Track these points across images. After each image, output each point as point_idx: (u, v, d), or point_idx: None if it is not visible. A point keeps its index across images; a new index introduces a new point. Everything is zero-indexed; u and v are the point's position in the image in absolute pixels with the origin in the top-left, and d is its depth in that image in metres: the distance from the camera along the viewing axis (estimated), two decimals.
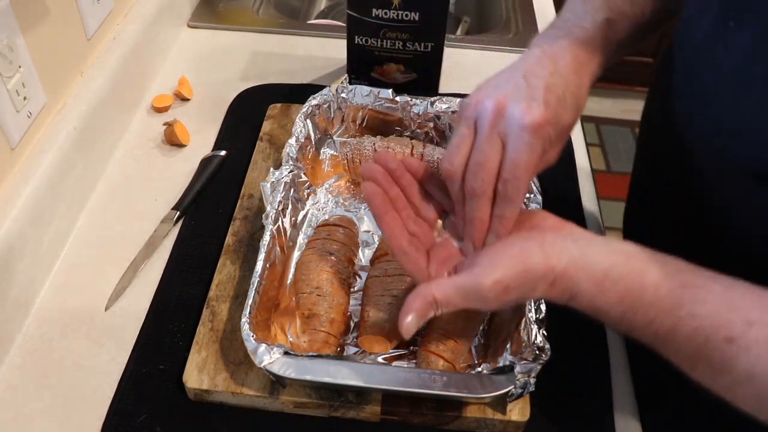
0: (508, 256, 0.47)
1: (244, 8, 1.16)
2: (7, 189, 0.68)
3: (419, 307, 0.49)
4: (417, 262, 0.52)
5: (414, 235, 0.54)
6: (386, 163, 0.55)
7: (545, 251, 0.46)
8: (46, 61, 0.73)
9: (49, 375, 0.64)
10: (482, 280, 0.46)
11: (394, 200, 0.54)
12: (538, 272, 0.46)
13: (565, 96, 0.51)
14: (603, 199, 2.54)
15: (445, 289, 0.48)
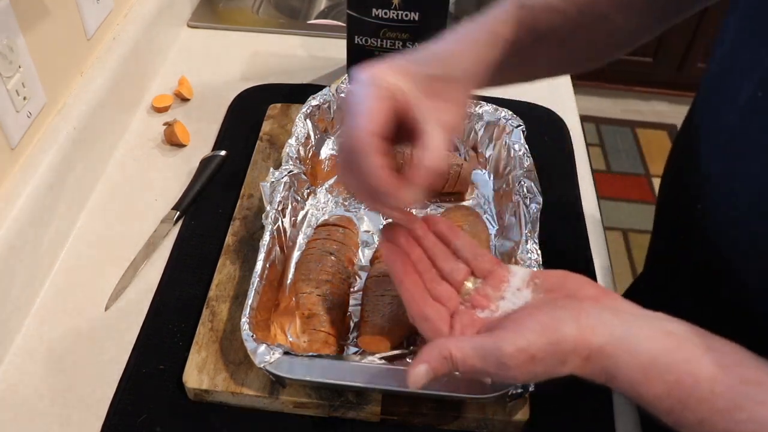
0: (537, 323, 0.42)
1: (244, 8, 1.16)
2: (7, 189, 0.68)
3: (433, 361, 0.44)
4: (438, 330, 0.47)
5: (437, 299, 0.49)
6: (407, 223, 0.51)
7: (580, 323, 0.42)
8: (46, 61, 0.73)
9: (49, 375, 0.64)
10: (504, 344, 0.42)
11: (416, 262, 0.50)
12: (570, 345, 0.41)
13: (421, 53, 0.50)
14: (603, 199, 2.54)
15: (464, 348, 0.44)
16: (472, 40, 0.52)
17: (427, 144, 0.46)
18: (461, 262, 0.51)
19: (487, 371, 0.43)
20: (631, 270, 2.05)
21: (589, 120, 2.53)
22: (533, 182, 0.72)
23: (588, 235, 0.78)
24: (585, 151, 0.91)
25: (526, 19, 0.54)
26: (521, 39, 0.55)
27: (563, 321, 0.42)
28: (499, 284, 0.49)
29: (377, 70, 0.47)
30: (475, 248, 0.51)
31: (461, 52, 0.51)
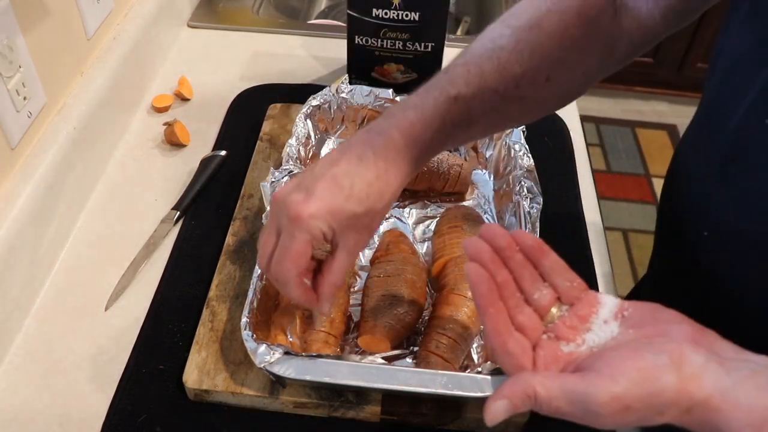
0: (634, 369, 0.39)
1: (244, 8, 1.16)
2: (7, 189, 0.68)
3: (516, 396, 0.41)
4: (521, 366, 0.44)
5: (520, 328, 0.46)
6: (494, 240, 0.46)
7: (682, 372, 0.38)
8: (46, 61, 0.73)
9: (49, 375, 0.64)
10: (598, 391, 0.39)
11: (501, 287, 0.46)
12: (670, 397, 0.38)
13: (351, 186, 0.50)
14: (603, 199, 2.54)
15: (551, 388, 0.40)
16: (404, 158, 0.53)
17: (333, 268, 0.52)
18: (548, 287, 0.47)
19: (573, 415, 0.40)
20: (632, 270, 2.05)
21: (589, 120, 2.53)
22: (533, 182, 0.72)
23: (588, 235, 0.78)
24: (585, 151, 0.91)
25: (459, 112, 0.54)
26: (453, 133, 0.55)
27: (663, 369, 0.39)
28: (586, 314, 0.46)
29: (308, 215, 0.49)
30: (564, 271, 0.47)
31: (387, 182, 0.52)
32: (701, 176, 0.56)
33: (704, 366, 0.38)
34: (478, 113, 0.55)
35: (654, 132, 2.52)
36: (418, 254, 0.71)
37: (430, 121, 0.53)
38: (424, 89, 0.55)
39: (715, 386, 0.38)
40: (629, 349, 0.41)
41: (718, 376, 0.38)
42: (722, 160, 0.53)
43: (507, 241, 0.46)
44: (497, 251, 0.46)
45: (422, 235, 0.76)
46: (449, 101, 0.53)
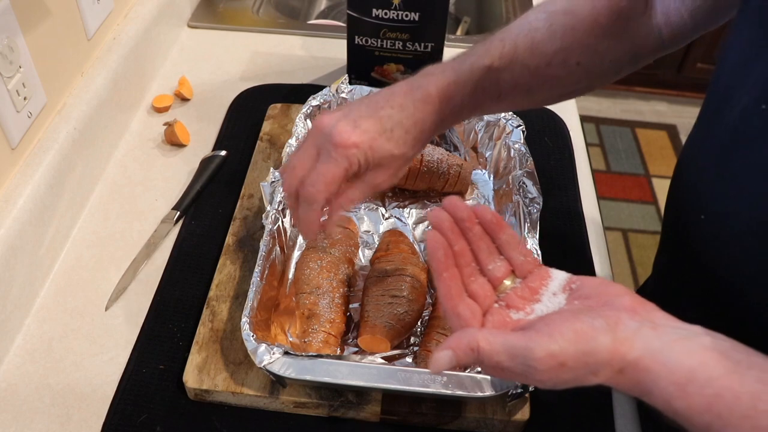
0: (571, 330, 0.41)
1: (244, 8, 1.16)
2: (8, 189, 0.68)
3: (460, 348, 0.43)
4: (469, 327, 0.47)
5: (473, 295, 0.49)
6: (455, 212, 0.50)
7: (617, 334, 0.41)
8: (46, 61, 0.73)
9: (49, 375, 0.64)
10: (536, 347, 0.41)
11: (457, 255, 0.50)
12: (603, 356, 0.40)
13: (392, 129, 0.54)
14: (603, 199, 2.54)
15: (494, 343, 0.43)
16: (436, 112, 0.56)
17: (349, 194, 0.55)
18: (503, 260, 0.50)
19: (512, 370, 0.42)
20: (631, 270, 2.05)
21: (589, 120, 2.53)
22: (533, 182, 0.72)
23: (588, 235, 0.78)
24: (585, 151, 0.91)
25: (490, 82, 0.58)
26: (483, 101, 0.59)
27: (599, 330, 0.41)
28: (537, 287, 0.48)
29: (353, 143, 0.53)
30: (519, 246, 0.50)
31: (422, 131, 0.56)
32: (703, 165, 0.56)
33: (637, 330, 0.41)
34: (508, 87, 0.59)
35: (654, 132, 2.52)
36: (418, 254, 0.71)
37: (463, 85, 0.57)
38: (461, 56, 0.59)
39: (646, 348, 0.40)
40: (570, 313, 0.44)
41: (649, 339, 0.40)
42: (723, 149, 0.53)
43: (467, 213, 0.50)
44: (457, 222, 0.50)
45: (422, 235, 0.76)
46: (483, 70, 0.57)
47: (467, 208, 0.50)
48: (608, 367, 0.40)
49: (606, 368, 0.41)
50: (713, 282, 0.56)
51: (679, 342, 0.40)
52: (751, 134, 0.50)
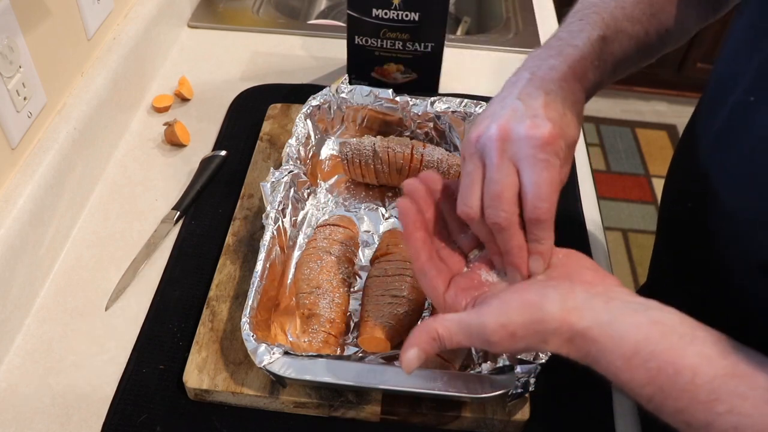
0: (520, 301, 0.43)
1: (244, 8, 1.16)
2: (8, 189, 0.68)
3: (423, 343, 0.45)
4: (434, 285, 0.48)
5: (443, 260, 0.50)
6: (430, 183, 0.51)
7: (566, 304, 0.42)
8: (46, 61, 0.73)
9: (49, 375, 0.64)
10: (487, 320, 0.43)
11: (429, 222, 0.50)
12: (551, 325, 0.42)
13: (565, 112, 0.49)
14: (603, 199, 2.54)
15: (449, 325, 0.45)
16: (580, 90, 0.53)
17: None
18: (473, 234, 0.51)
19: (474, 345, 0.45)
20: (631, 270, 2.05)
21: (589, 120, 2.53)
22: None
23: (588, 235, 0.78)
24: (585, 151, 0.91)
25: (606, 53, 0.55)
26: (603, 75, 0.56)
27: (548, 300, 0.42)
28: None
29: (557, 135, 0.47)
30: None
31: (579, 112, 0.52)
32: (698, 159, 0.56)
33: (587, 300, 0.42)
34: (619, 58, 0.57)
35: (654, 132, 2.52)
36: None
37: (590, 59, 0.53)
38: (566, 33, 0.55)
39: (595, 319, 0.41)
40: (521, 285, 0.45)
41: (599, 311, 0.41)
42: (715, 140, 0.53)
43: (442, 185, 0.51)
44: (432, 193, 0.51)
45: None
46: (599, 41, 0.54)
47: (442, 181, 0.51)
48: (557, 336, 0.42)
49: (555, 336, 0.42)
50: (708, 281, 0.56)
51: (627, 315, 0.41)
52: (739, 127, 0.50)
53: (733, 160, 0.51)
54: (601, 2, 0.58)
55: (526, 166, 0.46)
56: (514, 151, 0.47)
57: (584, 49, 0.53)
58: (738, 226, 0.50)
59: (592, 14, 0.56)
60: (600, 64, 0.54)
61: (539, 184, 0.45)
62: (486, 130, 0.48)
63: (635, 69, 0.63)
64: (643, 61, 0.62)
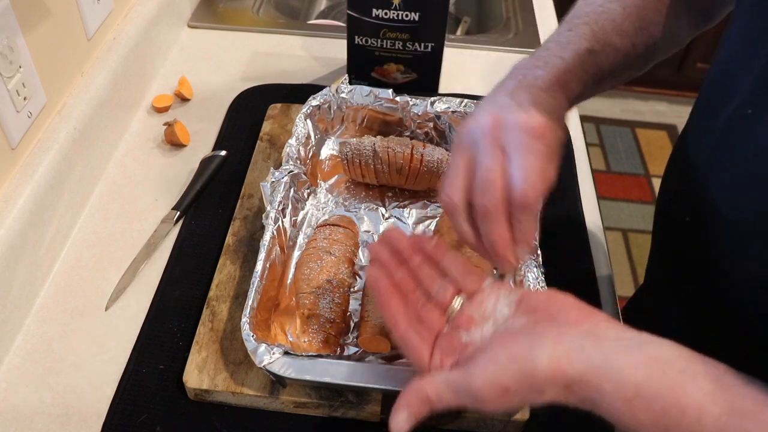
0: (508, 354, 0.41)
1: (244, 8, 1.16)
2: (8, 189, 0.68)
3: (412, 404, 0.43)
4: (419, 353, 0.46)
5: (421, 321, 0.48)
6: (395, 244, 0.49)
7: (556, 351, 0.40)
8: (46, 61, 0.73)
9: (49, 375, 0.64)
10: (474, 379, 0.41)
11: (400, 284, 0.48)
12: (543, 375, 0.39)
13: (552, 111, 0.51)
14: (602, 199, 2.54)
15: (438, 387, 0.43)
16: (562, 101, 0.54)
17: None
18: (448, 283, 0.49)
19: (464, 404, 0.42)
20: (631, 270, 2.05)
21: (589, 120, 2.53)
22: None
23: (588, 235, 0.78)
24: (585, 151, 0.91)
25: (593, 65, 0.57)
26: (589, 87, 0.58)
27: (536, 349, 0.40)
28: (484, 304, 0.47)
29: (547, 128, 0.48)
30: (462, 266, 0.49)
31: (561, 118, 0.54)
32: (694, 164, 0.56)
33: (577, 344, 0.40)
34: (606, 70, 0.58)
35: (654, 132, 2.52)
36: None
37: (574, 71, 0.55)
38: (555, 45, 0.57)
39: (589, 363, 0.39)
40: (508, 336, 0.43)
41: (591, 354, 0.39)
42: (713, 149, 0.53)
43: (406, 243, 0.49)
44: (397, 253, 0.49)
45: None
46: (586, 54, 0.56)
47: (405, 238, 0.49)
48: (552, 385, 0.40)
49: (550, 386, 0.40)
50: (703, 287, 0.56)
51: (622, 355, 0.39)
52: (738, 137, 0.50)
53: (731, 170, 0.51)
54: (593, 12, 0.59)
55: (517, 154, 0.47)
56: (506, 140, 0.48)
57: (570, 62, 0.55)
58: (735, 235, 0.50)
59: (582, 25, 0.58)
60: (585, 76, 0.56)
61: (528, 170, 0.46)
62: (479, 122, 0.49)
63: (620, 83, 0.63)
64: (629, 75, 0.62)
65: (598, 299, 0.71)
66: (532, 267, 0.63)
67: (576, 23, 0.58)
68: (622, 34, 0.58)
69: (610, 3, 0.59)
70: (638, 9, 0.59)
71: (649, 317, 0.70)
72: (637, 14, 0.58)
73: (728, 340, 0.51)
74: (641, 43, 0.59)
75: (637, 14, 0.58)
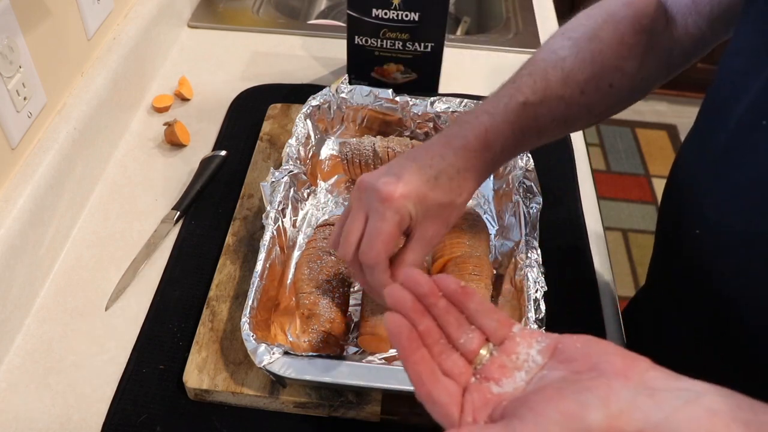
0: (558, 412, 0.37)
1: (244, 8, 1.16)
2: (8, 189, 0.68)
3: None
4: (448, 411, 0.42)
5: (447, 373, 0.44)
6: (416, 288, 0.45)
7: (609, 409, 0.37)
8: (46, 61, 0.73)
9: (49, 375, 0.64)
10: None
11: (424, 335, 0.44)
12: None
13: (436, 177, 0.54)
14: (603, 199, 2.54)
15: None
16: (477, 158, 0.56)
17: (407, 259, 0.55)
18: (475, 329, 0.45)
19: None
20: (631, 270, 2.05)
21: None
22: (533, 182, 0.72)
23: (588, 235, 0.78)
24: (585, 151, 0.91)
25: (527, 118, 0.57)
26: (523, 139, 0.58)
27: (589, 407, 0.37)
28: (516, 352, 0.44)
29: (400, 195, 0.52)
30: (491, 311, 0.46)
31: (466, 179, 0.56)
32: (699, 173, 0.56)
33: (633, 401, 0.37)
34: (546, 121, 0.58)
35: (654, 132, 2.52)
36: None
37: (501, 126, 0.57)
38: (493, 97, 0.59)
39: (647, 421, 0.36)
40: (553, 390, 0.39)
41: (649, 410, 0.36)
42: (719, 158, 0.53)
43: (429, 287, 0.45)
44: (419, 298, 0.45)
45: None
46: (518, 107, 0.57)
47: (428, 282, 0.46)
48: None
49: None
50: (706, 293, 0.56)
51: (681, 410, 0.36)
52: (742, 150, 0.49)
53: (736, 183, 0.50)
54: (542, 61, 0.59)
55: (370, 217, 0.53)
56: (365, 202, 0.53)
57: (497, 118, 0.57)
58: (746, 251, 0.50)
59: (526, 76, 0.59)
60: (518, 130, 0.57)
61: (370, 232, 0.52)
62: (366, 176, 0.55)
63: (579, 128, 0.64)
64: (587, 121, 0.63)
65: (598, 299, 0.71)
66: (533, 267, 0.63)
67: (521, 74, 0.59)
68: (569, 83, 0.58)
69: (563, 50, 0.59)
70: (592, 54, 0.58)
71: (650, 319, 0.70)
72: (591, 59, 0.58)
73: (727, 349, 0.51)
74: (593, 90, 0.59)
75: (591, 59, 0.58)
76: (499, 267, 0.70)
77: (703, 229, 0.54)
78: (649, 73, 0.61)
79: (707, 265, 0.54)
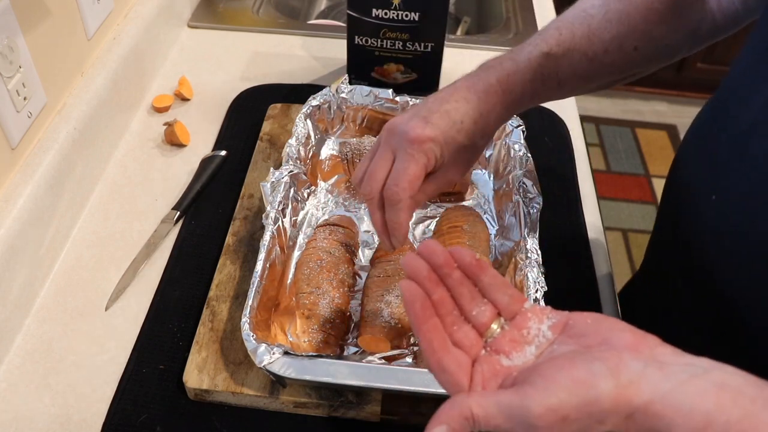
0: (570, 379, 0.38)
1: (244, 8, 1.16)
2: (7, 189, 0.68)
3: (454, 421, 0.39)
4: (457, 383, 0.43)
5: (458, 344, 0.45)
6: (432, 257, 0.46)
7: (619, 379, 0.37)
8: (46, 61, 0.73)
9: (49, 375, 0.64)
10: (532, 404, 0.38)
11: (437, 304, 0.45)
12: (607, 404, 0.37)
13: (462, 121, 0.56)
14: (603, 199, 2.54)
15: (487, 406, 0.39)
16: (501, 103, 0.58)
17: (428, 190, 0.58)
18: (488, 303, 0.46)
19: (513, 430, 0.39)
20: (631, 270, 2.05)
21: (589, 120, 2.53)
22: (533, 182, 0.72)
23: (588, 235, 0.78)
24: (585, 151, 0.91)
25: (549, 69, 0.59)
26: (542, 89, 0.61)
27: (599, 376, 0.37)
28: (527, 327, 0.45)
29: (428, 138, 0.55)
30: (503, 286, 0.47)
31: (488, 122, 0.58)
32: (699, 173, 0.56)
33: (642, 371, 0.37)
34: (567, 74, 0.60)
35: (654, 132, 2.52)
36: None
37: (523, 74, 0.59)
38: (519, 46, 0.61)
39: (654, 391, 0.37)
40: (565, 359, 0.40)
41: (657, 381, 0.37)
42: (721, 159, 0.53)
43: (445, 258, 0.45)
44: (435, 268, 0.45)
45: (422, 235, 0.76)
46: (541, 57, 0.59)
47: (444, 253, 0.46)
48: (615, 415, 0.37)
49: (612, 416, 0.37)
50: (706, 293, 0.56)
51: (689, 382, 0.37)
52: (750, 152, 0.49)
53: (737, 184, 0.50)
54: (571, 16, 0.61)
55: (397, 157, 0.55)
56: (393, 143, 0.56)
57: (520, 65, 0.59)
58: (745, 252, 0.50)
59: (553, 30, 0.61)
60: (538, 78, 0.59)
61: (398, 170, 0.55)
62: (395, 118, 0.57)
63: (599, 88, 0.65)
64: (609, 80, 0.64)
65: (598, 299, 0.71)
66: (533, 267, 0.63)
67: (549, 27, 0.61)
68: (594, 40, 0.60)
69: (593, 9, 0.61)
70: (620, 15, 0.60)
71: (647, 319, 0.70)
72: (618, 20, 0.59)
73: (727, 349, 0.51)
74: (616, 49, 0.60)
75: (618, 20, 0.59)
76: (499, 267, 0.70)
77: (703, 229, 0.54)
78: (675, 41, 0.62)
79: (708, 265, 0.55)
